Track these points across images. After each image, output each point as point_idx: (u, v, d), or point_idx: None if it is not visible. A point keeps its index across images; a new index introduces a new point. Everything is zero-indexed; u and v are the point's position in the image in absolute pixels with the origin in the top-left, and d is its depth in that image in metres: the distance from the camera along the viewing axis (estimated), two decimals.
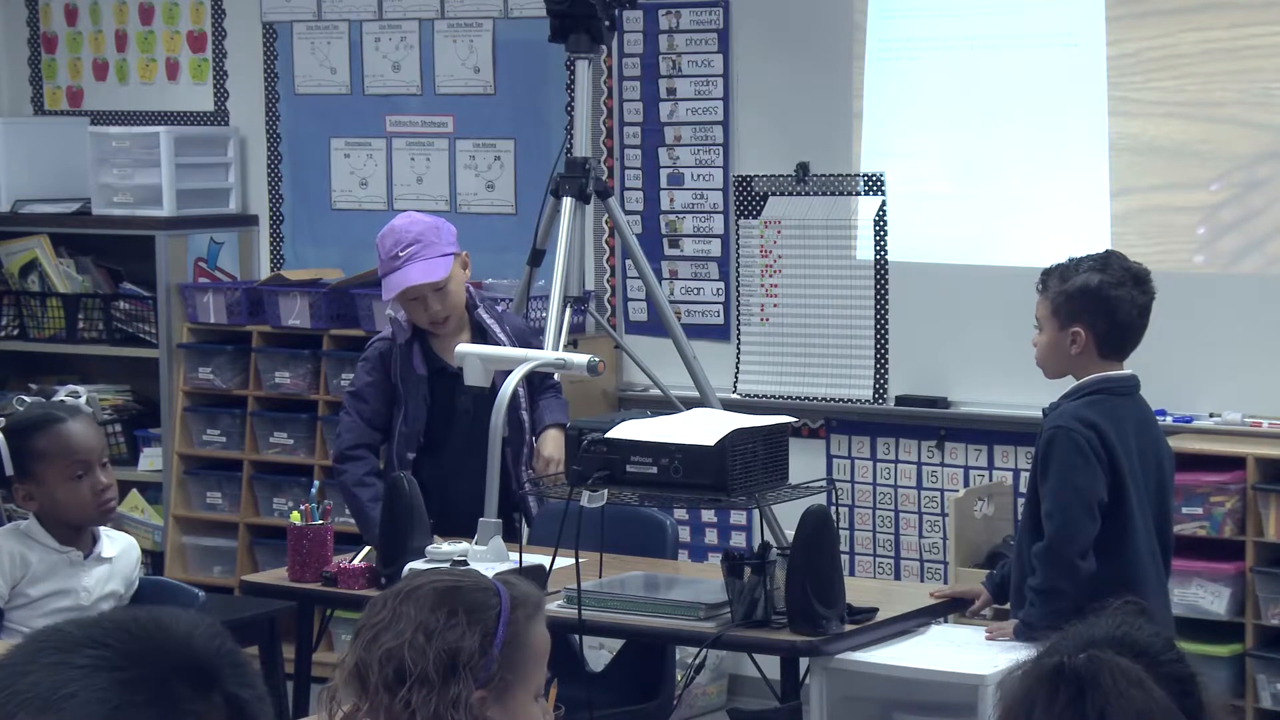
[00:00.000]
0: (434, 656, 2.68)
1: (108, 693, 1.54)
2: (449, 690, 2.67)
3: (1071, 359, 4.49)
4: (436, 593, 2.75)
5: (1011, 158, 6.40)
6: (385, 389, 5.25)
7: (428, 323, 5.25)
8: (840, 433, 6.69)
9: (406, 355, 5.24)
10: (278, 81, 7.64)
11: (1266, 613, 5.75)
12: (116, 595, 4.48)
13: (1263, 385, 6.02)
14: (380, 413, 5.26)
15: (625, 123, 6.99)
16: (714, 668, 6.63)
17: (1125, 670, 2.02)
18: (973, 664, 4.24)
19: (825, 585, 4.30)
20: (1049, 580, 4.35)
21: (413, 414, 5.23)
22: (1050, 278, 4.52)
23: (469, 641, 2.69)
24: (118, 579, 4.49)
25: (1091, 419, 4.41)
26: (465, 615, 2.72)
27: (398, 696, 2.67)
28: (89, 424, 4.51)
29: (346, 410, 5.30)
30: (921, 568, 6.55)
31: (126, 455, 7.70)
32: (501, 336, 5.29)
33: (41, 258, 7.71)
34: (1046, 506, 4.40)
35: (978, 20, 6.41)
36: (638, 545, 5.12)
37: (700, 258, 6.92)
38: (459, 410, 5.26)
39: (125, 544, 4.57)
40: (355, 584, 4.77)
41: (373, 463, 5.25)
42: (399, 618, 2.72)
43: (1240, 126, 6.05)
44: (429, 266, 5.21)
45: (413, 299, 5.23)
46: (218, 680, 1.60)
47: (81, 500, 4.40)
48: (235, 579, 6.93)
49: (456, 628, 2.70)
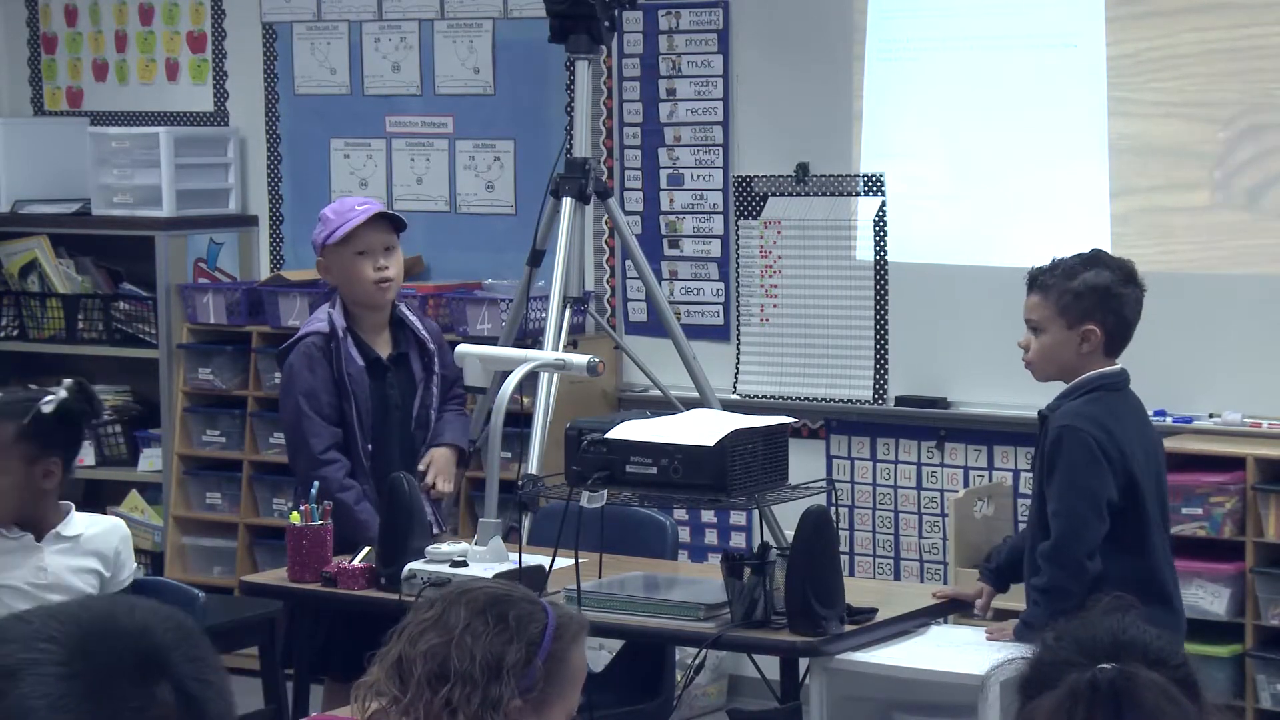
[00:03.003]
0: (480, 658, 2.70)
1: (50, 686, 1.55)
2: (491, 691, 2.69)
3: (1080, 358, 4.48)
4: (488, 598, 2.78)
5: (1011, 158, 6.40)
6: (332, 382, 5.21)
7: (374, 281, 5.21)
8: (840, 433, 6.69)
9: (346, 349, 5.21)
10: (278, 82, 7.64)
11: (1266, 613, 5.74)
12: (96, 573, 4.36)
13: (1263, 385, 6.02)
14: (335, 406, 5.20)
15: (625, 123, 6.99)
16: (714, 668, 6.63)
17: (1159, 685, 1.99)
18: (973, 664, 4.23)
19: (825, 585, 4.30)
20: (1055, 580, 4.35)
21: (363, 407, 5.21)
22: (1048, 277, 4.50)
23: (515, 649, 2.72)
24: (92, 558, 4.35)
25: (1100, 418, 4.42)
26: (514, 624, 2.75)
27: (439, 694, 2.69)
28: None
29: (304, 413, 5.18)
30: (921, 568, 6.55)
31: (126, 455, 7.70)
32: (422, 331, 5.33)
33: (41, 258, 7.71)
34: (1054, 506, 4.40)
35: (978, 20, 6.41)
36: (637, 545, 5.12)
37: (700, 258, 6.92)
38: (390, 404, 5.27)
39: (106, 525, 4.43)
40: (355, 584, 4.77)
41: (346, 464, 5.20)
42: (447, 617, 2.75)
43: (1240, 127, 6.05)
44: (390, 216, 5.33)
45: (361, 252, 5.21)
46: (167, 672, 1.58)
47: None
48: (235, 579, 6.92)
49: (504, 634, 2.73)
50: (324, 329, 5.21)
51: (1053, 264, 4.53)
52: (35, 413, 4.22)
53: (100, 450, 7.67)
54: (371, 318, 5.29)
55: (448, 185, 7.33)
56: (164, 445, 7.54)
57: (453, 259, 7.19)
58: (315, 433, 5.18)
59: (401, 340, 5.31)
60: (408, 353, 5.32)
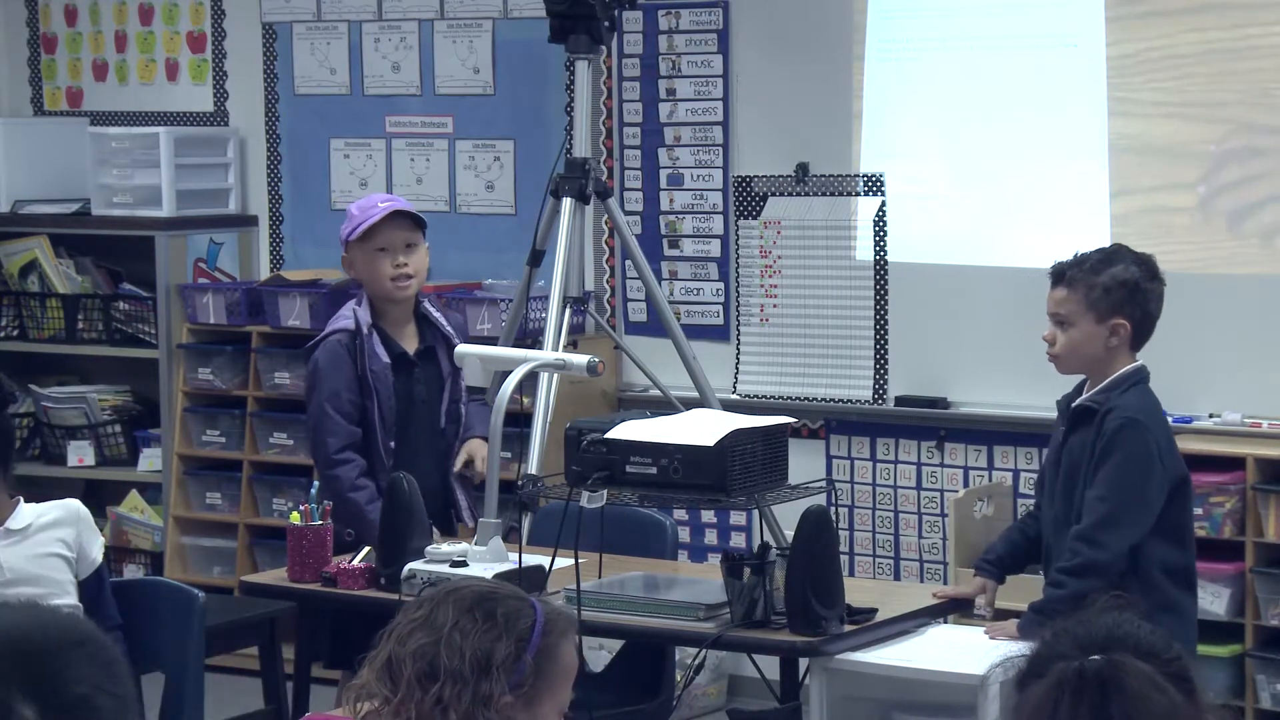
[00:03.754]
0: (469, 655, 2.72)
1: None
2: (481, 688, 2.71)
3: (1107, 352, 4.50)
4: (475, 595, 2.80)
5: (1011, 158, 6.40)
6: (355, 380, 5.25)
7: (392, 277, 5.27)
8: (840, 433, 6.69)
9: (371, 345, 5.26)
10: (277, 82, 7.64)
11: (1266, 613, 5.74)
12: (60, 556, 4.34)
13: (1262, 385, 6.02)
14: (356, 405, 5.26)
15: (625, 123, 6.99)
16: (714, 668, 6.63)
17: (1146, 673, 2.00)
18: (973, 664, 4.23)
19: (825, 585, 4.30)
20: (1089, 558, 4.36)
21: (385, 402, 5.25)
22: (1074, 271, 4.51)
23: (504, 645, 2.74)
24: (52, 542, 4.35)
25: (1158, 414, 4.52)
26: (502, 620, 2.76)
27: (429, 693, 2.71)
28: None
29: (325, 413, 5.25)
30: (921, 568, 6.55)
31: (126, 455, 7.70)
32: (446, 326, 5.39)
33: (41, 258, 7.71)
34: (1102, 491, 4.40)
35: (978, 20, 6.41)
36: (637, 545, 5.12)
37: (700, 258, 6.92)
38: (416, 399, 5.30)
39: (57, 508, 4.43)
40: (355, 584, 4.77)
41: (361, 464, 5.25)
42: (435, 617, 2.77)
43: (1240, 127, 6.05)
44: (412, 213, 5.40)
45: (382, 248, 5.26)
46: (31, 681, 1.53)
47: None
48: (235, 579, 6.93)
49: (492, 630, 2.75)
50: (349, 326, 5.28)
51: (1078, 258, 4.54)
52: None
53: (100, 450, 7.67)
54: (396, 313, 5.35)
55: (448, 185, 7.33)
56: (164, 445, 7.54)
57: (453, 259, 7.19)
58: (333, 432, 5.24)
59: (428, 335, 5.37)
60: (434, 347, 5.39)
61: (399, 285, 5.30)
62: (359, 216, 5.35)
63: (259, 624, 5.65)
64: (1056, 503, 4.54)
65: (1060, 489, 4.53)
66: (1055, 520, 4.55)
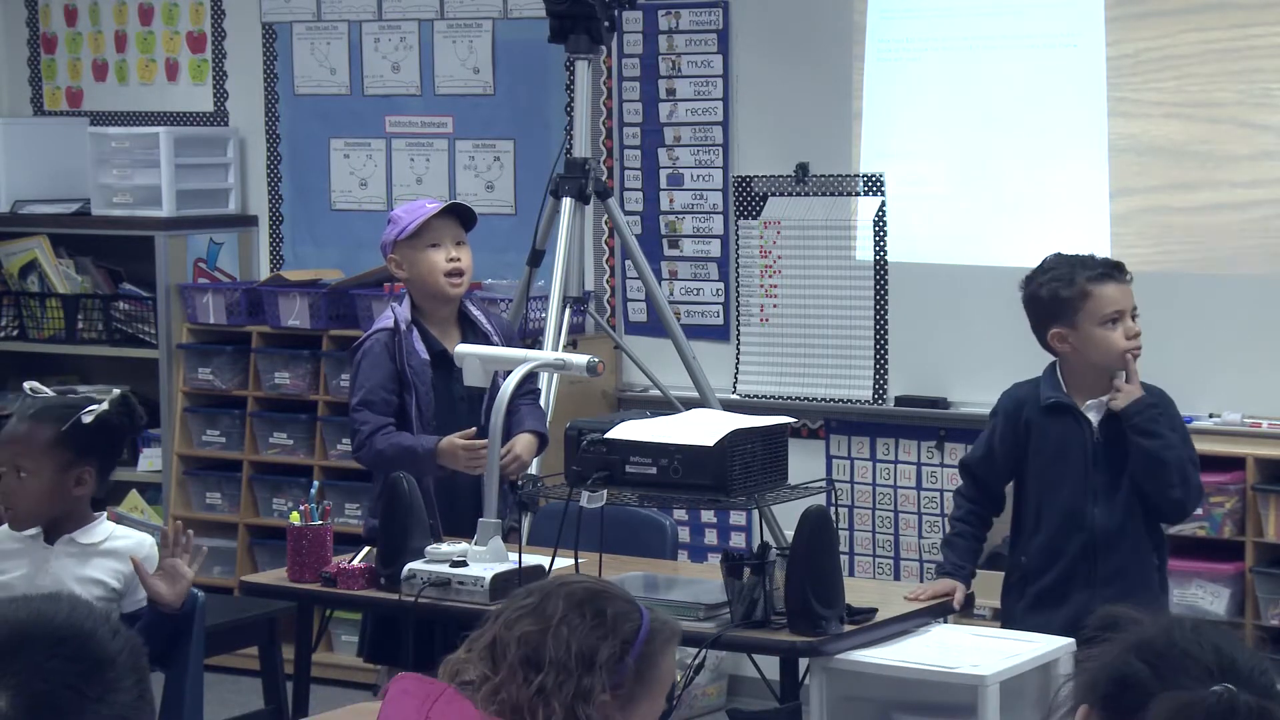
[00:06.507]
0: (575, 649, 2.75)
1: None
2: (584, 683, 2.73)
3: None
4: (586, 592, 2.83)
5: (1011, 158, 6.40)
6: (394, 377, 5.23)
7: (444, 271, 5.23)
8: (840, 433, 6.69)
9: (410, 342, 5.24)
10: (277, 82, 7.64)
11: (1266, 613, 5.75)
12: (105, 585, 4.32)
13: (1262, 385, 6.02)
14: (392, 403, 5.23)
15: (625, 123, 6.99)
16: (714, 668, 6.63)
17: (1267, 712, 1.94)
18: (973, 664, 4.23)
19: (825, 585, 4.29)
20: (1198, 480, 4.68)
21: (424, 399, 5.23)
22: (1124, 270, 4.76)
23: (609, 645, 2.77)
24: (106, 571, 4.30)
25: None
26: (611, 620, 2.79)
27: (531, 681, 2.73)
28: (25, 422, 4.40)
29: (359, 411, 5.20)
30: (921, 568, 6.55)
31: (126, 456, 7.69)
32: (489, 327, 5.33)
33: (41, 258, 7.71)
34: (1182, 449, 4.66)
35: (978, 21, 6.41)
36: (637, 546, 5.12)
37: (700, 258, 6.92)
38: (456, 396, 5.27)
39: (131, 540, 4.37)
40: (355, 584, 4.77)
41: (381, 422, 5.22)
42: (545, 607, 2.79)
43: (1240, 127, 6.05)
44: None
45: (434, 244, 5.23)
46: (5, 672, 1.54)
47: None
48: (235, 579, 6.93)
49: (600, 629, 2.78)
50: (389, 325, 5.26)
51: (1115, 258, 4.82)
52: (74, 421, 4.24)
53: None
54: (440, 312, 5.30)
55: (447, 185, 7.33)
56: (164, 445, 7.54)
57: None
58: (366, 420, 5.19)
59: (470, 336, 5.33)
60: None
61: (452, 281, 5.27)
62: (407, 217, 5.30)
63: (259, 624, 5.65)
64: (1091, 483, 4.69)
65: (1105, 484, 4.68)
66: (1110, 512, 4.68)
